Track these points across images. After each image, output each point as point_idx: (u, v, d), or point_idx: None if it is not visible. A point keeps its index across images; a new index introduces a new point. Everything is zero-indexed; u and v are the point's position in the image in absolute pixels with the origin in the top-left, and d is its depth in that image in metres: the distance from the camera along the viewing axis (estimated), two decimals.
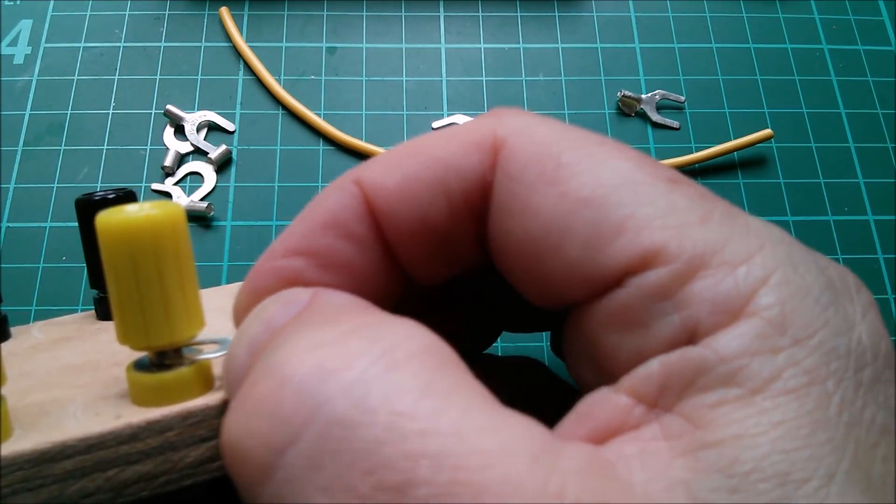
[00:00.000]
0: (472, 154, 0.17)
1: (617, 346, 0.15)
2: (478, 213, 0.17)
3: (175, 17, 0.41)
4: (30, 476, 0.15)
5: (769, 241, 0.15)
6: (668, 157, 0.38)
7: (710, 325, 0.14)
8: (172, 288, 0.16)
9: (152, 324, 0.16)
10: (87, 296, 0.35)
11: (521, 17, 0.43)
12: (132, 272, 0.16)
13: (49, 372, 0.20)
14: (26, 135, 0.38)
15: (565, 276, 0.15)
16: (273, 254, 0.17)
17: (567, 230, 0.15)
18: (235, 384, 0.15)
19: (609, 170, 0.15)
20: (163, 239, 0.16)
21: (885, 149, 0.40)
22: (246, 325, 0.16)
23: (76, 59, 0.40)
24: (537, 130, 0.17)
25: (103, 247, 0.16)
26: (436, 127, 0.39)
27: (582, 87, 0.41)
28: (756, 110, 0.41)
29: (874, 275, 0.37)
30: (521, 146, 0.16)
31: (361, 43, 0.41)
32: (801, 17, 0.43)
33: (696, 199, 0.15)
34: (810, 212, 0.38)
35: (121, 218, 0.15)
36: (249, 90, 0.40)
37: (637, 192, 0.15)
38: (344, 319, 0.15)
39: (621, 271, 0.15)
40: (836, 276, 0.15)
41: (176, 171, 0.37)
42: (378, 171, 0.17)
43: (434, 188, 0.17)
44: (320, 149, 0.38)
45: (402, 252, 0.17)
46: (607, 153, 0.16)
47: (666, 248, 0.14)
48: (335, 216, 0.17)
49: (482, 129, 0.17)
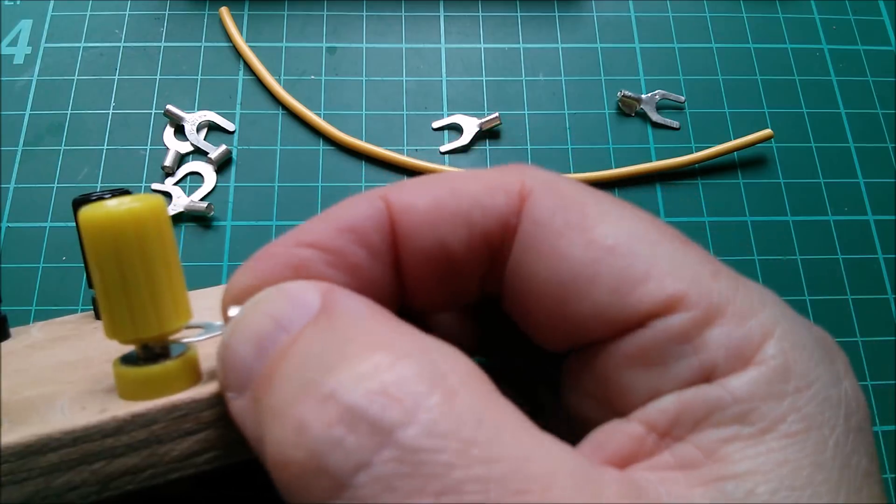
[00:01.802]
0: (499, 195, 0.18)
1: (633, 382, 0.16)
2: (493, 251, 0.18)
3: (175, 17, 0.41)
4: (15, 469, 0.15)
5: (768, 300, 0.16)
6: (668, 157, 0.38)
7: (725, 368, 0.15)
8: (157, 279, 0.16)
9: (139, 316, 0.16)
10: (86, 296, 0.35)
11: (521, 17, 0.43)
12: (116, 266, 0.16)
13: (42, 369, 0.20)
14: (26, 135, 0.38)
15: (591, 318, 0.17)
16: (284, 241, 0.17)
17: (595, 275, 0.16)
18: (243, 380, 0.15)
19: (628, 225, 0.17)
20: (145, 231, 0.16)
21: (885, 149, 0.40)
22: (248, 317, 0.16)
23: (76, 59, 0.40)
24: (562, 184, 0.18)
25: (86, 242, 0.16)
26: (436, 127, 0.39)
27: (582, 87, 0.41)
28: (756, 110, 0.41)
29: (874, 275, 0.37)
30: (549, 196, 0.18)
31: (361, 43, 0.41)
32: (801, 17, 0.43)
33: (704, 258, 0.17)
34: (810, 212, 0.38)
35: (102, 212, 0.15)
36: (249, 90, 0.40)
37: (655, 246, 0.17)
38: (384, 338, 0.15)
39: (647, 314, 0.16)
40: (820, 335, 0.17)
41: (176, 171, 0.37)
42: (408, 192, 0.18)
43: (458, 218, 0.18)
44: (320, 149, 0.38)
45: (410, 273, 0.18)
46: (625, 211, 0.17)
47: (688, 295, 0.16)
48: (355, 222, 0.17)
49: (509, 176, 0.18)
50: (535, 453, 0.13)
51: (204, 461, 0.17)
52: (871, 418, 0.16)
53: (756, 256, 0.37)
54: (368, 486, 0.13)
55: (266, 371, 0.15)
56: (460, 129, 0.39)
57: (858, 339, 0.35)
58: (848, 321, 0.35)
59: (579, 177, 0.38)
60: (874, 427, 0.33)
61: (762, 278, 0.36)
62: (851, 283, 0.36)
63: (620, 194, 0.38)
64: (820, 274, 0.37)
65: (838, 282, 0.36)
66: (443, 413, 0.13)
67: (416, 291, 0.19)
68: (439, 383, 0.14)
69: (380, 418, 0.13)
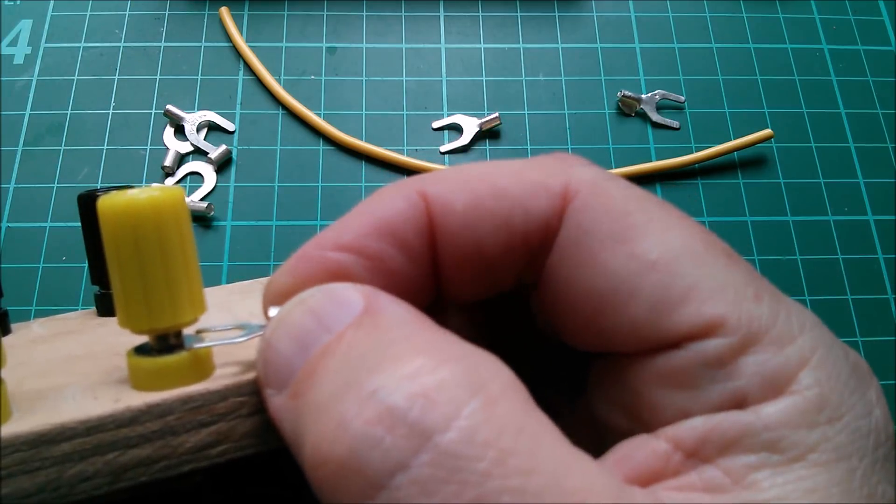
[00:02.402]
0: (542, 196, 0.17)
1: (662, 400, 0.16)
2: (532, 251, 0.18)
3: (175, 17, 0.41)
4: (27, 458, 0.15)
5: (808, 324, 0.16)
6: (668, 157, 0.38)
7: (758, 396, 0.15)
8: (176, 269, 0.16)
9: (155, 305, 0.16)
10: (87, 295, 0.35)
11: (521, 17, 0.43)
12: (135, 253, 0.16)
13: (48, 361, 0.20)
14: (26, 135, 0.38)
15: (625, 333, 0.16)
16: (323, 243, 0.17)
17: (634, 290, 0.16)
18: (285, 377, 0.16)
19: (674, 238, 0.17)
20: (165, 219, 0.16)
21: (885, 149, 0.40)
22: (289, 314, 0.16)
23: (76, 59, 0.40)
24: (609, 187, 0.17)
25: (105, 230, 0.15)
26: (436, 127, 0.39)
27: (582, 87, 0.41)
28: (756, 110, 0.41)
29: (874, 275, 0.37)
30: (593, 201, 0.17)
31: (361, 43, 0.41)
32: (801, 17, 0.43)
33: (749, 277, 0.17)
34: (810, 212, 0.38)
35: (123, 199, 0.15)
36: (249, 90, 0.40)
37: (700, 264, 0.16)
38: (426, 343, 0.15)
39: (683, 336, 0.16)
40: (855, 361, 0.16)
41: (176, 171, 0.37)
42: (447, 190, 0.17)
43: (498, 221, 0.17)
44: (320, 149, 0.38)
45: (447, 271, 0.18)
46: (672, 220, 0.17)
47: (727, 320, 0.16)
48: (394, 224, 0.17)
49: (554, 173, 0.18)
50: (571, 468, 0.13)
51: (217, 453, 0.17)
52: None
53: (756, 256, 0.37)
54: (405, 489, 0.13)
55: (308, 368, 0.15)
56: (460, 129, 0.39)
57: (858, 339, 0.35)
58: (848, 321, 0.35)
59: None
60: None
61: None
62: (851, 283, 0.36)
63: None
64: (820, 274, 0.37)
65: (838, 282, 0.36)
66: (482, 420, 0.13)
67: (450, 285, 0.18)
68: (480, 390, 0.14)
69: (420, 421, 0.13)
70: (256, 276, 0.29)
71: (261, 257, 0.36)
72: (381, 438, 0.13)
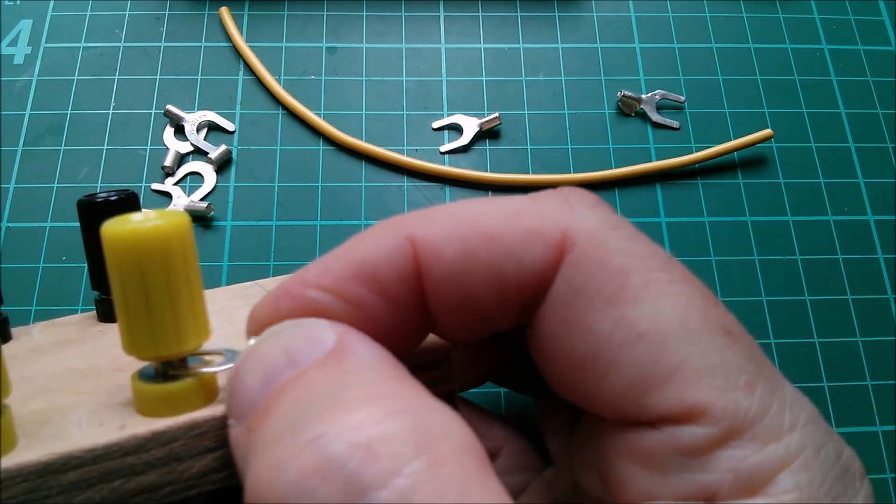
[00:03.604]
0: (537, 246, 0.16)
1: (630, 477, 0.15)
2: (526, 301, 0.17)
3: (175, 17, 0.41)
4: (34, 487, 0.15)
5: (801, 419, 0.15)
6: (668, 157, 0.38)
7: (728, 493, 0.14)
8: (180, 298, 0.16)
9: (160, 334, 0.16)
10: (87, 296, 0.35)
11: (521, 17, 0.43)
12: (140, 283, 0.15)
13: (51, 377, 0.20)
14: (26, 135, 0.38)
15: (603, 400, 0.16)
16: (305, 281, 0.17)
17: (617, 361, 0.15)
18: (245, 409, 0.15)
19: (669, 306, 0.15)
20: (171, 249, 0.15)
21: (885, 149, 0.40)
22: (262, 346, 0.16)
23: (76, 59, 0.40)
24: (609, 240, 0.16)
25: (110, 258, 0.15)
26: (436, 127, 0.39)
27: (582, 87, 0.41)
28: (756, 110, 0.41)
29: (874, 275, 0.37)
30: (590, 255, 0.16)
31: (361, 43, 0.41)
32: (801, 17, 0.43)
33: (746, 360, 0.15)
34: (810, 212, 0.38)
35: (128, 229, 0.15)
36: (249, 90, 0.40)
37: (692, 340, 0.15)
38: (383, 391, 0.14)
39: (660, 418, 0.15)
40: (847, 463, 0.15)
41: (176, 171, 0.37)
42: (436, 235, 0.16)
43: (490, 271, 0.16)
44: (320, 149, 0.38)
45: (437, 316, 0.17)
46: (672, 285, 0.16)
47: (710, 409, 0.14)
48: (378, 270, 0.16)
49: (552, 217, 0.17)
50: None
51: (223, 477, 0.17)
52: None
53: (756, 256, 0.37)
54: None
55: (265, 404, 0.15)
56: (460, 129, 0.39)
57: (858, 339, 0.35)
58: (848, 321, 0.35)
59: (579, 177, 0.38)
60: (875, 427, 0.33)
61: (762, 278, 0.36)
62: (851, 283, 0.36)
63: (620, 194, 0.38)
64: (820, 274, 0.37)
65: (838, 282, 0.36)
66: (423, 481, 0.12)
67: (442, 328, 0.18)
68: (428, 448, 0.13)
69: (356, 474, 0.12)
70: (256, 277, 0.29)
71: (261, 257, 0.36)
72: (314, 489, 0.12)
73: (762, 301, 0.36)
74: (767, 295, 0.36)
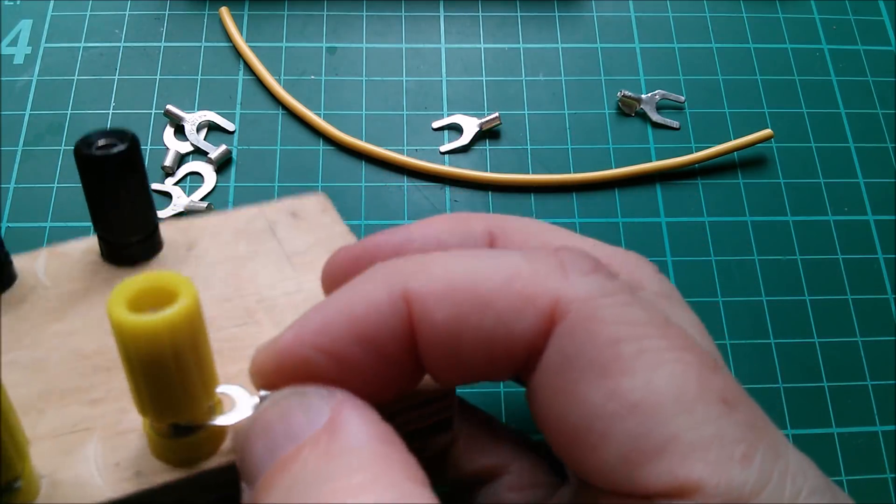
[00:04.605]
0: (528, 315, 0.16)
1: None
2: (519, 367, 0.17)
3: (175, 17, 0.41)
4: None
5: (804, 490, 0.14)
6: (668, 157, 0.38)
7: None
8: (192, 376, 0.16)
9: (173, 407, 0.17)
10: None
11: (521, 17, 0.43)
12: (152, 369, 0.16)
13: (60, 363, 0.20)
14: (26, 135, 0.38)
15: (595, 473, 0.15)
16: (303, 341, 0.17)
17: (608, 434, 0.15)
18: (253, 476, 0.16)
19: (665, 376, 0.15)
20: (182, 338, 0.16)
21: (885, 149, 0.40)
22: (266, 415, 0.17)
23: (76, 59, 0.40)
24: (602, 307, 0.16)
25: (122, 348, 0.16)
26: (436, 127, 0.39)
27: (582, 87, 0.41)
28: (756, 110, 0.41)
29: (874, 275, 0.37)
30: (581, 325, 0.16)
31: (361, 43, 0.41)
32: (801, 17, 0.43)
33: (744, 430, 0.15)
34: (810, 212, 0.38)
35: (140, 323, 0.15)
36: (249, 90, 0.40)
37: (687, 411, 0.15)
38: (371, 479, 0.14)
39: (653, 493, 0.14)
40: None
41: (176, 171, 0.37)
42: (430, 295, 0.16)
43: (480, 336, 0.16)
44: (320, 149, 0.38)
45: (430, 368, 0.17)
46: (667, 351, 0.15)
47: (703, 486, 0.14)
48: (373, 332, 0.17)
49: (544, 284, 0.16)
50: None
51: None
52: None
53: (756, 256, 0.37)
54: None
55: (267, 477, 0.15)
56: (460, 129, 0.39)
57: (858, 339, 0.35)
58: (848, 321, 0.35)
59: (579, 177, 0.38)
60: (874, 427, 0.33)
61: (762, 278, 0.36)
62: (851, 283, 0.36)
63: (620, 194, 0.38)
64: (820, 274, 0.37)
65: (838, 282, 0.36)
66: None
67: (436, 378, 0.18)
68: None
69: None
70: None
71: None
72: None
73: (762, 301, 0.36)
74: (767, 295, 0.36)
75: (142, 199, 0.23)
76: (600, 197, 0.38)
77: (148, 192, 0.24)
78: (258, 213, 0.26)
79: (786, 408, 0.33)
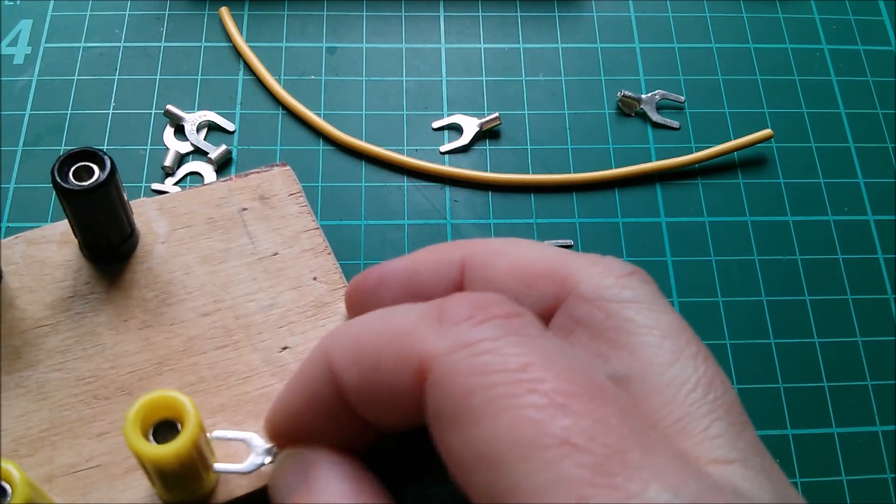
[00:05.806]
0: (405, 374, 0.17)
1: None
2: (419, 417, 0.18)
3: (175, 17, 0.41)
4: None
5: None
6: (668, 157, 0.38)
7: None
8: (197, 473, 0.21)
9: (184, 490, 0.21)
10: None
11: (521, 17, 0.43)
12: (163, 477, 0.20)
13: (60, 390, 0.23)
14: (26, 135, 0.38)
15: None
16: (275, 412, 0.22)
17: (469, 483, 0.16)
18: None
19: (505, 422, 0.15)
20: (186, 458, 0.20)
21: (885, 149, 0.40)
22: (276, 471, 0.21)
23: (76, 59, 0.40)
24: (456, 362, 0.16)
25: (141, 464, 0.20)
26: (436, 127, 0.39)
27: (582, 87, 0.41)
28: (756, 110, 0.41)
29: (874, 275, 0.37)
30: (440, 380, 0.16)
31: (361, 43, 0.41)
32: (801, 17, 0.43)
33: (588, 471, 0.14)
34: (810, 212, 0.38)
35: (154, 452, 0.19)
36: (249, 90, 0.40)
37: (523, 459, 0.14)
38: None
39: None
40: None
41: (176, 171, 0.37)
42: (340, 361, 0.19)
43: (380, 397, 0.18)
44: (320, 149, 0.38)
45: (370, 420, 0.19)
46: (512, 398, 0.15)
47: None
48: (321, 405, 0.20)
49: (414, 344, 0.17)
50: None
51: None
52: None
53: (756, 256, 0.37)
54: None
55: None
56: (460, 129, 0.39)
57: (858, 339, 0.35)
58: (848, 321, 0.35)
59: (579, 177, 0.38)
60: (874, 427, 0.33)
61: (762, 278, 0.36)
62: (851, 283, 0.36)
63: (620, 194, 0.38)
64: (820, 274, 0.37)
65: (838, 282, 0.36)
66: None
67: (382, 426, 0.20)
68: None
69: None
70: None
71: None
72: None
73: (762, 301, 0.36)
74: (767, 295, 0.36)
75: (118, 209, 0.26)
76: (600, 197, 0.38)
77: (124, 200, 0.26)
78: (227, 193, 0.29)
79: (786, 408, 0.33)
